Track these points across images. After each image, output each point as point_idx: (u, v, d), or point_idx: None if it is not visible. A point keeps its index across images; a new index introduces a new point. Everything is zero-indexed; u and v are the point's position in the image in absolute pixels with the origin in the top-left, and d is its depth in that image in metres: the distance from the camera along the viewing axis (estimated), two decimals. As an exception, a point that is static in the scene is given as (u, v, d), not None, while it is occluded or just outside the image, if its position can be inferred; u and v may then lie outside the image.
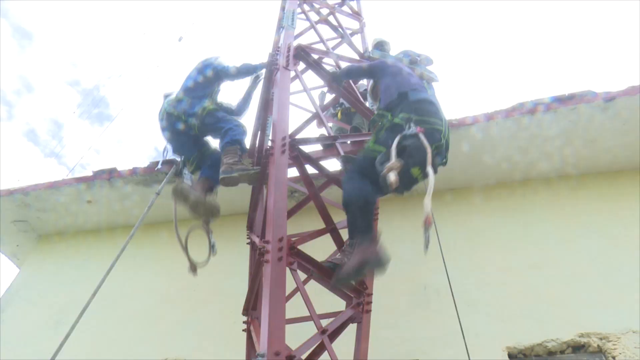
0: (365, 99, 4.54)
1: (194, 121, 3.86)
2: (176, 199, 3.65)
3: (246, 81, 4.50)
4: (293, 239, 2.90)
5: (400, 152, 2.68)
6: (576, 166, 4.33)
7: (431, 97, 3.27)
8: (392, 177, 2.52)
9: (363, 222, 2.80)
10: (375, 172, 2.75)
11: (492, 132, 4.14)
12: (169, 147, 4.22)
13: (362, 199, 2.83)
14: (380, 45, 5.08)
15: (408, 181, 2.83)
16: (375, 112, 3.51)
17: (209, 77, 4.17)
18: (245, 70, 4.32)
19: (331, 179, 3.73)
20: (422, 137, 2.72)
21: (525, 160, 4.32)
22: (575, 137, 4.12)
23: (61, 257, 5.57)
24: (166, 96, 4.20)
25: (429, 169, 2.61)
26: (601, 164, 4.30)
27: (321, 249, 3.58)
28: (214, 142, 4.16)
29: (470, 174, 4.45)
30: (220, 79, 4.26)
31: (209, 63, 4.27)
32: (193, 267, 3.75)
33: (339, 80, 4.13)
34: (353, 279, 2.78)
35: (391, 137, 2.85)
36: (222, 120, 3.90)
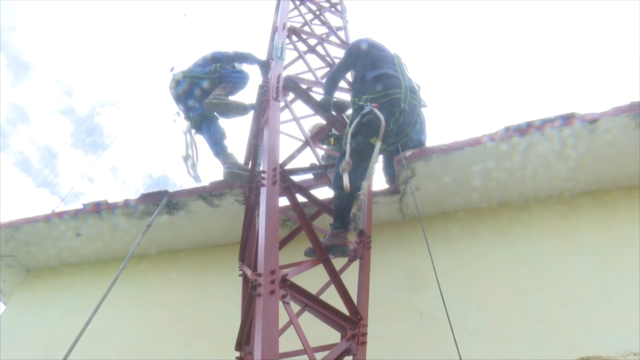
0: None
1: (213, 75, 4.86)
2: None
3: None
4: (285, 270, 2.87)
5: (360, 128, 3.20)
6: (569, 186, 4.34)
7: (388, 70, 3.54)
8: (345, 180, 3.04)
9: (346, 208, 3.40)
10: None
11: (481, 156, 4.16)
12: (181, 110, 5.07)
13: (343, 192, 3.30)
14: None
15: (370, 150, 3.20)
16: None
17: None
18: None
19: (322, 207, 3.72)
20: (376, 111, 3.17)
21: (516, 182, 4.33)
22: (564, 158, 4.14)
23: (49, 292, 5.45)
24: (175, 73, 5.18)
25: (379, 143, 3.10)
26: (594, 183, 4.30)
27: (314, 279, 3.55)
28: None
29: (461, 197, 4.45)
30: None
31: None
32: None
33: (328, 104, 4.28)
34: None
35: (355, 118, 3.35)
36: (233, 71, 4.94)
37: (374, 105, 3.22)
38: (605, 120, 3.86)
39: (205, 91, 4.89)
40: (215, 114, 4.95)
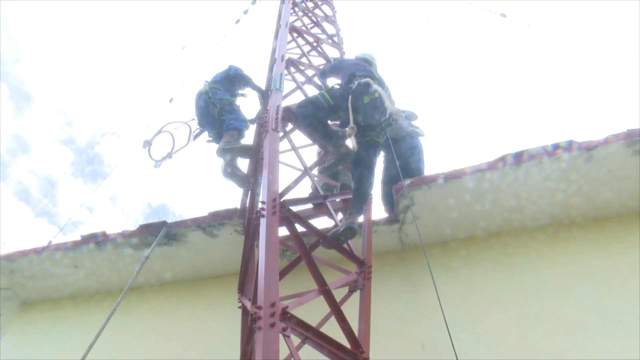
0: None
1: (218, 105, 5.23)
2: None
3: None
4: (286, 302, 2.84)
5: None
6: (568, 214, 4.34)
7: (372, 73, 4.26)
8: (353, 142, 3.67)
9: (320, 131, 4.13)
10: (321, 109, 4.09)
11: (480, 184, 4.17)
12: (197, 119, 5.52)
13: (311, 116, 4.09)
14: None
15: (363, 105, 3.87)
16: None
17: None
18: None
19: (321, 236, 3.71)
20: (367, 79, 3.86)
21: (516, 210, 4.32)
22: (563, 185, 4.15)
23: (46, 325, 5.37)
24: (206, 81, 5.55)
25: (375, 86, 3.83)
26: (593, 211, 4.29)
27: (314, 310, 3.51)
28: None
29: (461, 226, 4.44)
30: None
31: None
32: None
33: (325, 77, 5.15)
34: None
35: (341, 92, 4.07)
36: (234, 111, 5.24)
37: (362, 79, 3.90)
38: (603, 148, 3.88)
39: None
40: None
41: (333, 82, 5.22)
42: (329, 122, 4.40)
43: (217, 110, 5.22)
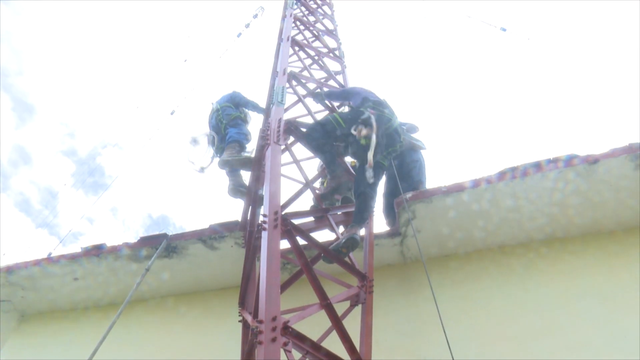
0: None
1: (224, 121, 5.63)
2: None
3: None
4: (287, 316, 2.82)
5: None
6: (570, 228, 4.32)
7: (384, 102, 4.39)
8: (364, 131, 3.80)
9: (325, 157, 4.28)
10: (332, 132, 4.17)
11: (482, 197, 4.16)
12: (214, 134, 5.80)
13: (319, 140, 4.18)
14: None
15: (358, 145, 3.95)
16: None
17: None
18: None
19: (323, 250, 3.69)
20: (372, 117, 3.89)
21: (517, 223, 4.30)
22: (565, 199, 4.14)
23: (44, 338, 5.34)
24: (214, 101, 6.00)
25: (374, 136, 3.78)
26: (595, 224, 4.27)
27: (315, 324, 3.48)
28: None
29: (463, 239, 4.42)
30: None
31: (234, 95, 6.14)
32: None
33: (321, 99, 5.24)
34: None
35: (352, 116, 4.17)
36: (237, 125, 5.60)
37: (372, 112, 3.98)
38: (605, 162, 3.87)
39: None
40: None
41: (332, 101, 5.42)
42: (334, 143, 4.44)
43: (223, 126, 5.54)
